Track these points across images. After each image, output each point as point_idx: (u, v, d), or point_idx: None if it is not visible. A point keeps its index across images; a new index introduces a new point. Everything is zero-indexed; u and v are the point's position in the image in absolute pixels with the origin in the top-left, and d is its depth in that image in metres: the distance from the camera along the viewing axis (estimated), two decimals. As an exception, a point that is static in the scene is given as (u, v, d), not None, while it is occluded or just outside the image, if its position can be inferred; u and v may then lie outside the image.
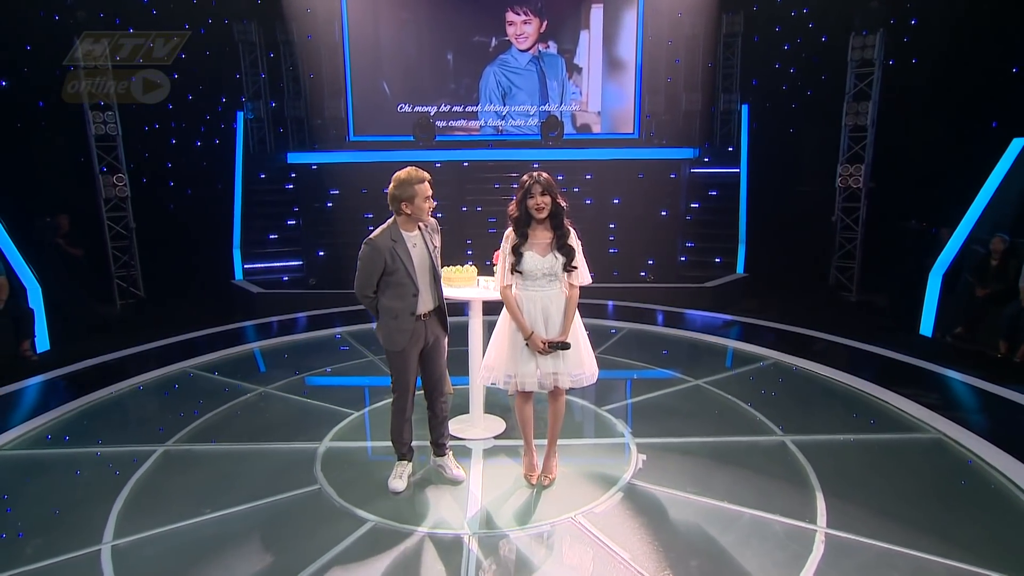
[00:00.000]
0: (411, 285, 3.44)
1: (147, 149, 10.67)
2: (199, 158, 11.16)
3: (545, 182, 3.43)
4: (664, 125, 10.60)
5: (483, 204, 9.49)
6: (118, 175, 8.27)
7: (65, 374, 5.88)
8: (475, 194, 9.61)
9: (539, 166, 9.49)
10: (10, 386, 5.52)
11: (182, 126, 11.32)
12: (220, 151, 10.54)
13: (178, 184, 11.00)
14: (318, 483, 3.75)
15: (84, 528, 3.32)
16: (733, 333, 7.00)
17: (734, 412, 4.82)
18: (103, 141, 8.23)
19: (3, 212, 6.94)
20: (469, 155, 9.86)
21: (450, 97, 10.72)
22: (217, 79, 10.89)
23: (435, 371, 3.71)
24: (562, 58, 10.62)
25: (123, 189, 8.31)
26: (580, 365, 3.54)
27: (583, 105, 10.75)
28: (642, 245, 9.29)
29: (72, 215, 8.14)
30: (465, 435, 4.34)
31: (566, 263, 3.46)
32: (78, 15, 8.00)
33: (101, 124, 8.08)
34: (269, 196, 9.75)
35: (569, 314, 3.50)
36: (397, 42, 10.59)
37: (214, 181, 10.27)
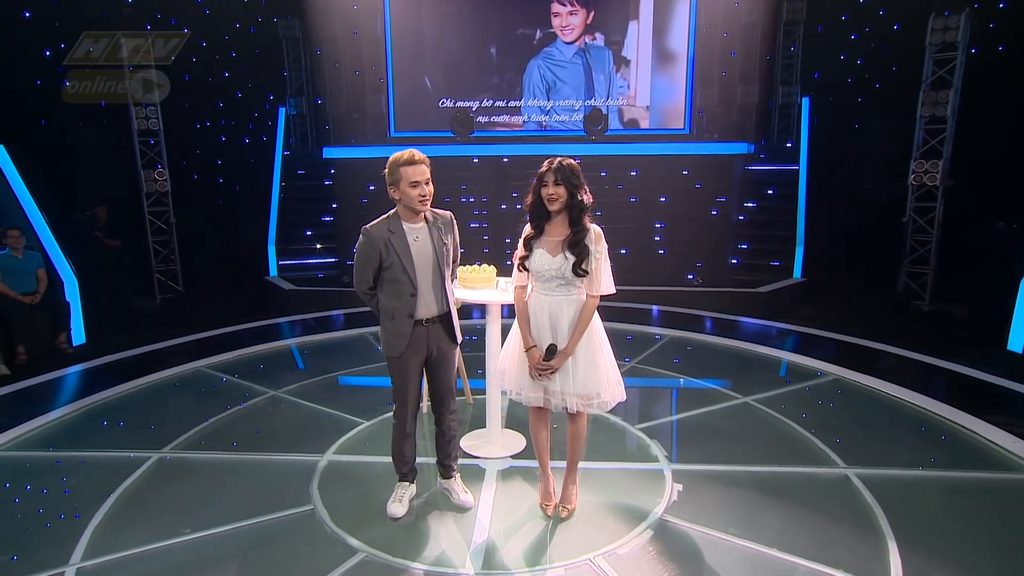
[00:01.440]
0: (408, 283, 2.97)
1: (199, 146, 10.66)
2: (247, 155, 11.09)
3: (562, 170, 2.90)
4: (717, 119, 9.84)
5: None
6: (159, 170, 8.15)
7: (87, 369, 5.71)
8: (517, 191, 9.12)
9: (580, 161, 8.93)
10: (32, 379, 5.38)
11: (231, 124, 11.29)
12: (267, 148, 10.42)
13: (227, 181, 10.96)
14: (312, 503, 3.33)
15: (54, 545, 3.00)
16: (788, 344, 6.26)
17: (787, 436, 4.16)
18: (146, 136, 8.12)
19: (45, 206, 6.89)
20: (509, 150, 9.38)
21: (493, 92, 10.27)
22: (266, 77, 10.80)
23: (441, 385, 3.23)
24: (609, 50, 10.02)
25: (164, 184, 8.20)
26: (593, 386, 2.97)
27: (631, 99, 10.11)
28: (691, 246, 8.61)
29: (115, 209, 8.07)
30: (479, 452, 3.84)
31: (576, 265, 2.90)
32: (124, 12, 7.91)
33: (143, 119, 7.98)
34: (306, 192, 9.54)
35: (579, 326, 2.94)
36: (439, 36, 10.22)
37: (260, 177, 10.15)
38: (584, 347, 2.98)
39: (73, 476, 3.69)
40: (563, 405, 3.01)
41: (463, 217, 9.25)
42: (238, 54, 10.76)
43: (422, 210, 2.98)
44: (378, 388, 5.06)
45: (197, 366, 5.56)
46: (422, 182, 2.92)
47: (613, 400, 3.04)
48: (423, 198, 2.93)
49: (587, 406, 3.01)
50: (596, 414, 4.16)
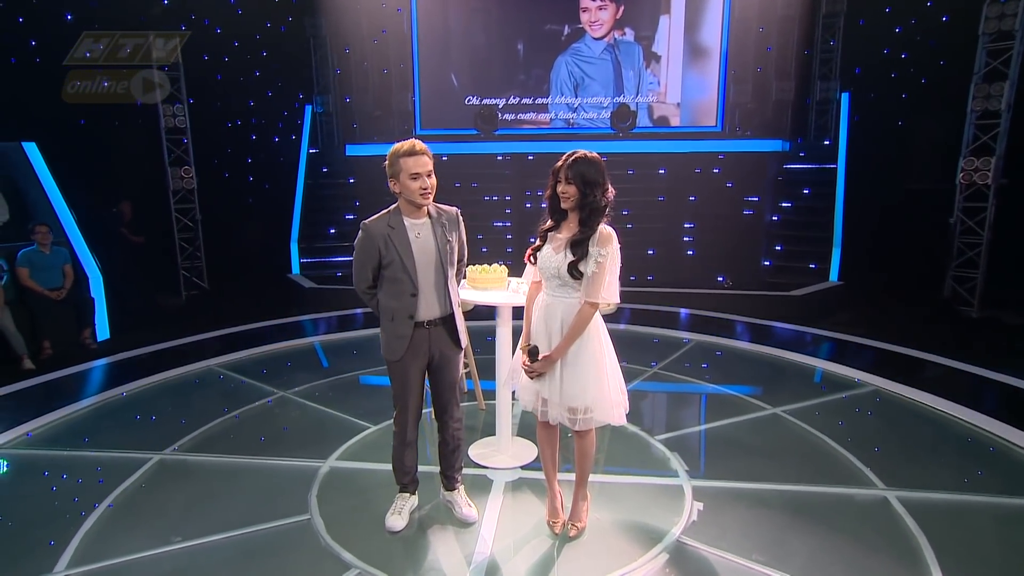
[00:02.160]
0: (408, 283, 2.76)
1: (230, 144, 10.70)
2: (277, 153, 11.09)
3: (576, 167, 2.64)
4: (750, 116, 9.44)
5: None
6: (185, 167, 8.15)
7: (105, 365, 5.68)
8: (542, 189, 8.87)
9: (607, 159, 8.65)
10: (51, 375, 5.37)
11: (262, 122, 11.31)
12: (296, 146, 10.40)
13: (257, 179, 10.98)
14: (309, 512, 3.15)
15: (41, 551, 2.87)
16: (823, 351, 5.89)
17: (821, 453, 3.83)
18: (173, 134, 8.13)
19: (73, 203, 6.92)
20: (535, 148, 9.15)
21: (519, 89, 10.05)
22: (296, 75, 10.77)
23: (444, 391, 3.01)
24: (639, 46, 9.70)
25: (190, 181, 8.20)
26: (580, 400, 2.69)
27: (661, 96, 9.78)
28: (721, 247, 8.24)
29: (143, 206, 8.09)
30: (487, 462, 3.62)
31: (570, 265, 2.64)
32: (153, 10, 7.92)
33: (171, 117, 7.99)
34: (330, 190, 9.46)
35: (569, 331, 2.67)
36: (466, 33, 10.05)
37: (288, 176, 10.13)
38: (574, 356, 2.70)
39: (73, 476, 3.58)
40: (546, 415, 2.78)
41: (487, 215, 9.24)
42: (269, 53, 10.77)
43: (424, 204, 2.77)
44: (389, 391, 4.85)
45: (209, 365, 5.46)
46: (423, 174, 2.70)
47: (604, 420, 2.76)
48: (424, 191, 2.72)
49: (573, 421, 2.74)
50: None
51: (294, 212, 8.95)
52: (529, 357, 2.70)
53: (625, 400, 2.82)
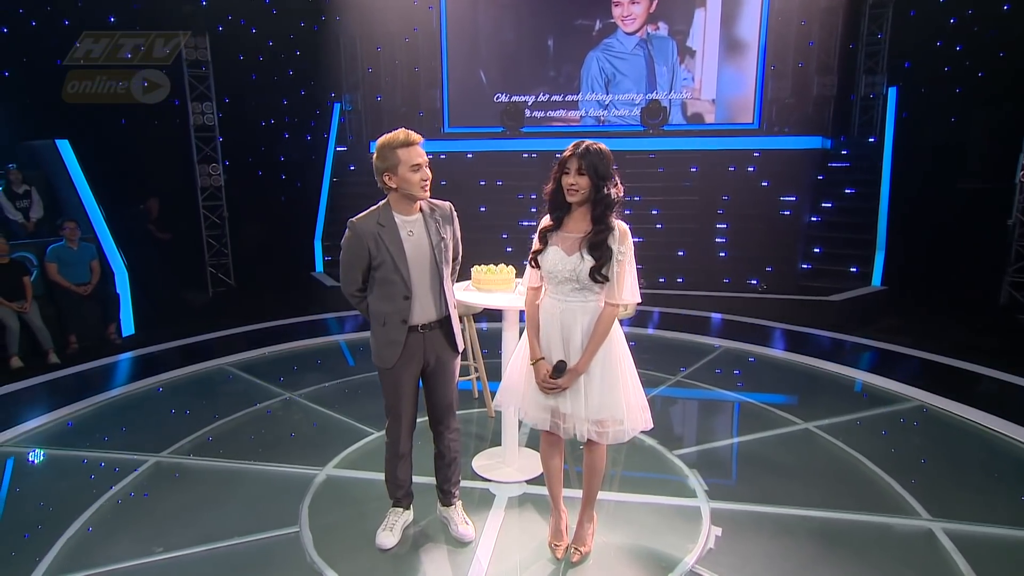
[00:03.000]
0: (401, 284, 2.54)
1: (263, 142, 10.73)
2: (309, 151, 11.08)
3: (588, 156, 2.38)
4: (789, 112, 8.94)
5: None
6: (213, 165, 8.15)
7: (123, 361, 5.66)
8: (570, 188, 8.58)
9: (631, 157, 8.36)
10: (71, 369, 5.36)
11: (295, 121, 11.32)
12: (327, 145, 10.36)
13: (289, 177, 10.99)
14: (298, 524, 2.95)
15: (20, 558, 2.74)
16: (863, 361, 5.45)
17: (857, 475, 3.46)
18: (202, 132, 8.14)
19: (102, 200, 6.96)
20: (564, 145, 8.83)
21: (549, 86, 9.77)
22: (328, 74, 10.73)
23: (440, 400, 2.78)
24: (673, 40, 9.31)
25: (218, 179, 8.19)
26: (610, 411, 2.45)
27: (695, 92, 9.37)
28: (756, 249, 7.81)
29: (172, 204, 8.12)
30: (490, 475, 3.37)
31: (594, 269, 2.39)
32: (185, 9, 7.93)
33: (200, 115, 7.99)
34: (356, 188, 9.33)
35: (594, 339, 2.43)
36: (496, 29, 9.82)
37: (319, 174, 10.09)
38: (600, 364, 2.46)
39: (65, 478, 3.48)
40: (573, 432, 2.50)
41: (513, 214, 8.99)
42: (303, 52, 10.75)
43: (422, 197, 2.54)
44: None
45: (220, 364, 5.36)
46: (423, 164, 2.48)
47: (634, 429, 2.51)
48: (425, 183, 2.50)
49: (602, 435, 2.48)
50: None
51: (319, 210, 8.87)
52: (556, 373, 2.43)
53: (647, 404, 2.58)
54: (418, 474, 2.97)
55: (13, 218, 6.57)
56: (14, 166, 6.65)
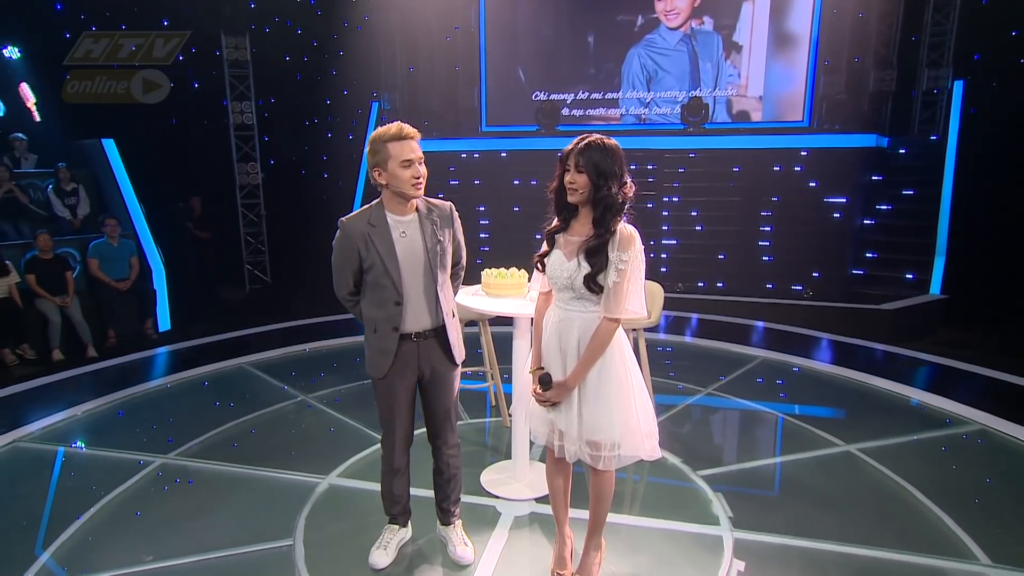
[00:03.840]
0: (391, 289, 2.36)
1: (307, 142, 10.82)
2: (351, 150, 11.12)
3: (588, 152, 2.14)
4: (842, 109, 8.38)
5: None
6: (252, 163, 8.21)
7: (157, 356, 5.70)
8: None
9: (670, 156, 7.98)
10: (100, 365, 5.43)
11: (337, 120, 11.37)
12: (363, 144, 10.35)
13: (331, 176, 11.04)
14: (292, 537, 2.81)
15: (6, 564, 2.67)
16: (918, 378, 4.99)
17: (904, 507, 3.09)
18: (241, 131, 8.21)
19: (143, 198, 7.08)
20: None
21: (589, 83, 9.46)
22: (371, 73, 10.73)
23: (438, 413, 2.58)
24: (719, 35, 8.87)
25: (256, 177, 8.25)
26: (604, 434, 2.20)
27: (742, 89, 8.90)
28: (804, 253, 7.33)
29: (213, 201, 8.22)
30: (498, 490, 3.16)
31: (589, 277, 2.15)
32: (224, 10, 8.01)
33: (239, 114, 8.06)
34: (392, 187, 9.30)
35: (586, 354, 2.19)
36: (535, 26, 9.58)
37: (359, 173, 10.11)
38: (595, 382, 2.22)
39: (73, 476, 3.46)
40: (563, 451, 2.28)
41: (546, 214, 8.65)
42: (346, 52, 10.78)
43: (415, 196, 2.35)
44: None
45: (240, 363, 5.31)
46: (415, 160, 2.28)
47: (633, 456, 2.25)
48: (417, 181, 2.30)
49: (595, 459, 2.23)
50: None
51: (353, 209, 8.83)
52: (540, 385, 2.22)
53: (656, 430, 2.31)
54: (420, 487, 2.79)
55: (61, 215, 6.75)
56: (64, 165, 6.83)
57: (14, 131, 7.22)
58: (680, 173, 7.83)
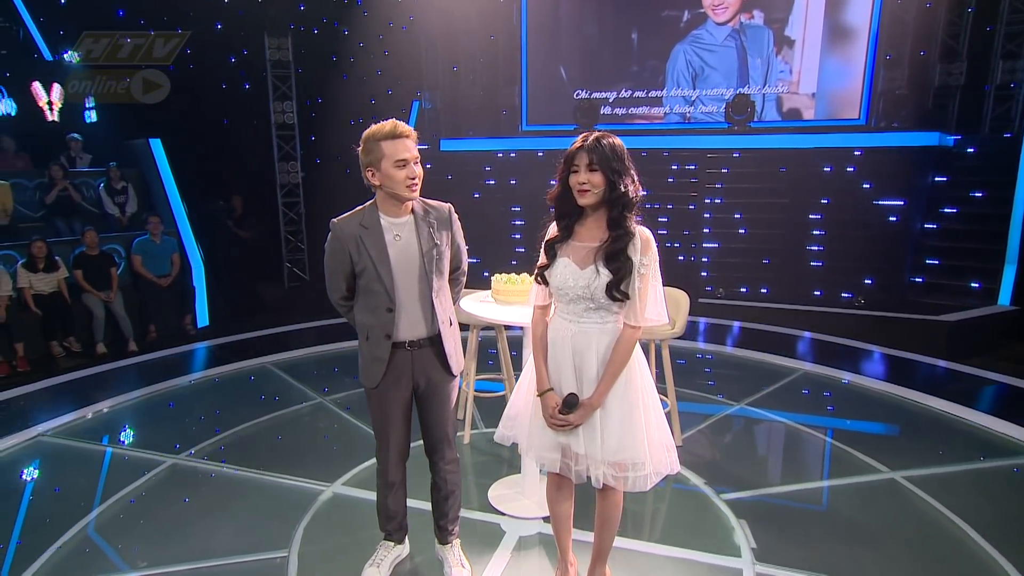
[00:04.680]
0: (383, 295, 2.22)
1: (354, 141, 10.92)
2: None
3: (600, 149, 1.95)
4: (902, 105, 7.81)
5: (660, 200, 7.85)
6: (292, 162, 8.30)
7: (192, 352, 5.79)
8: (650, 188, 7.99)
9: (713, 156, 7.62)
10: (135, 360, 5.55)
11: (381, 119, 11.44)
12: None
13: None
14: (288, 548, 2.72)
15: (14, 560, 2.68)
16: (980, 398, 4.55)
17: (954, 546, 2.76)
18: (283, 130, 8.31)
19: (187, 196, 7.24)
20: (644, 143, 8.26)
21: (632, 81, 9.17)
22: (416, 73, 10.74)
23: (434, 427, 2.44)
24: (770, 30, 8.43)
25: (295, 176, 8.34)
26: (631, 452, 2.01)
27: (793, 86, 8.43)
28: (856, 258, 6.86)
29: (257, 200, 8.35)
30: (505, 507, 3.00)
31: (612, 285, 1.96)
32: (268, 12, 8.13)
33: (280, 113, 8.16)
34: (430, 186, 9.21)
35: (611, 368, 2.01)
36: (577, 23, 9.36)
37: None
38: (620, 397, 2.04)
39: (86, 474, 3.47)
40: (587, 475, 2.09)
41: None
42: (391, 52, 10.82)
43: (410, 198, 2.21)
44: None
45: (264, 362, 5.32)
46: (410, 160, 2.15)
47: (658, 473, 2.06)
48: (412, 182, 2.17)
49: (619, 480, 2.05)
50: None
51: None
52: (566, 408, 2.02)
53: (673, 442, 2.15)
54: (422, 500, 2.65)
55: (111, 212, 6.97)
56: (114, 164, 7.05)
57: (73, 132, 7.52)
58: (723, 174, 7.47)
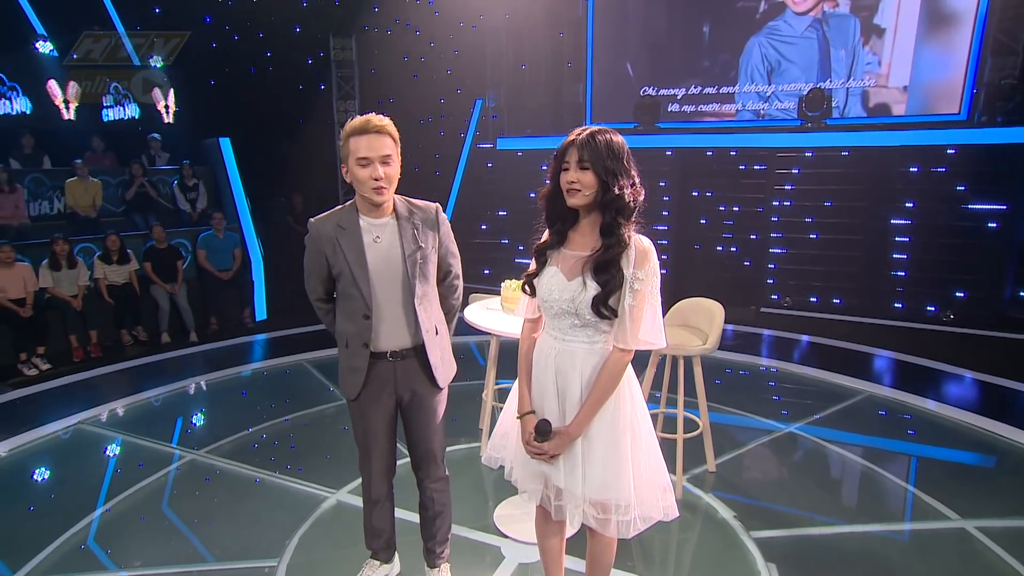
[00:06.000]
0: (360, 300, 2.08)
1: (421, 140, 11.02)
2: (460, 148, 11.16)
3: (592, 145, 1.71)
4: (1010, 97, 6.92)
5: (725, 203, 7.40)
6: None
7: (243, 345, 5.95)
8: (712, 189, 7.54)
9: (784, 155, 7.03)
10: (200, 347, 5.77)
11: (450, 119, 11.47)
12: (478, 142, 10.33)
13: (444, 174, 11.16)
14: (279, 558, 2.65)
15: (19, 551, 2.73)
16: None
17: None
18: (346, 127, 8.48)
19: (251, 193, 7.50)
20: (713, 141, 7.80)
21: (702, 77, 8.67)
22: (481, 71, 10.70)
23: (419, 443, 2.29)
24: (856, 18, 7.71)
25: (353, 174, 8.48)
26: (616, 491, 1.77)
27: (882, 79, 7.68)
28: (945, 268, 6.14)
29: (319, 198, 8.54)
30: (510, 529, 2.80)
31: (599, 300, 1.72)
32: (334, 13, 8.28)
33: (343, 112, 8.31)
34: (489, 185, 9.14)
35: (594, 394, 1.77)
36: (645, 16, 8.96)
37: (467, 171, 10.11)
38: (607, 428, 1.79)
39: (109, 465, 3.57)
40: (562, 513, 1.86)
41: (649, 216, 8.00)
42: (462, 51, 10.83)
43: (375, 201, 2.04)
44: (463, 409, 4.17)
45: (301, 359, 5.37)
46: (375, 160, 1.96)
47: (646, 519, 1.80)
48: (377, 184, 1.98)
49: (602, 523, 1.81)
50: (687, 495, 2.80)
51: (447, 207, 8.80)
52: (538, 435, 1.80)
53: (670, 484, 1.87)
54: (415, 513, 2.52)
55: (183, 208, 7.32)
56: (187, 162, 7.39)
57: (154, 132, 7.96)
58: (794, 174, 6.89)
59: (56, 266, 5.65)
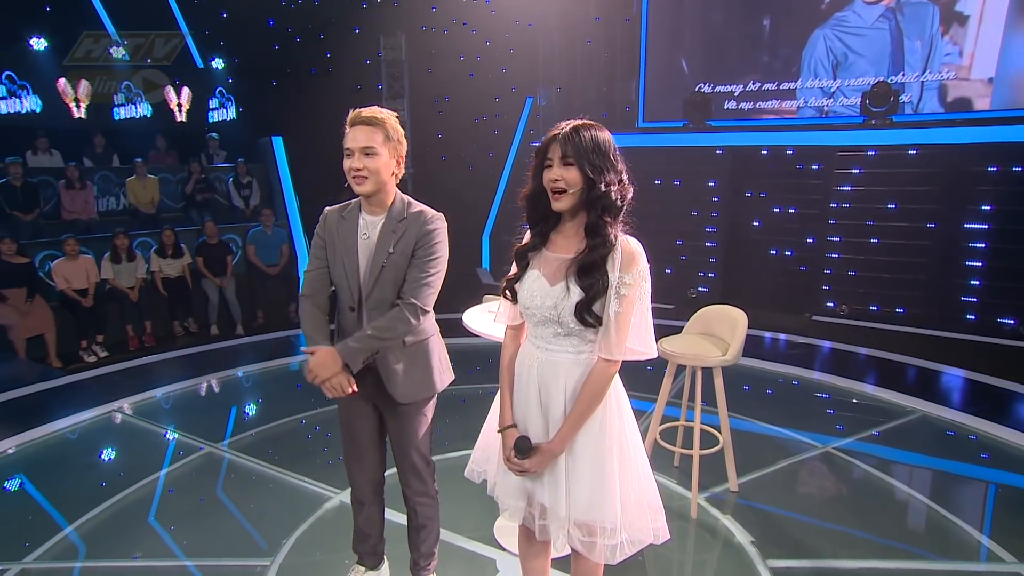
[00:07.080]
0: (347, 291, 2.07)
1: (476, 139, 11.05)
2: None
3: (576, 141, 1.60)
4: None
5: (781, 203, 7.02)
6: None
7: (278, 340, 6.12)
8: (767, 191, 7.16)
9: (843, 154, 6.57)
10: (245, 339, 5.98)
11: (504, 117, 11.44)
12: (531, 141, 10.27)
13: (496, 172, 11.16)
14: (274, 557, 2.65)
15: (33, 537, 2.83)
16: None
17: None
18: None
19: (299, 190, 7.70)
20: (769, 139, 7.41)
21: (762, 73, 8.25)
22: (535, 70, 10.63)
23: (396, 455, 2.22)
24: (935, 6, 7.13)
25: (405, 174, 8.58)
26: (601, 512, 1.64)
27: (963, 71, 7.06)
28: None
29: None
30: (507, 543, 2.70)
31: (582, 305, 1.60)
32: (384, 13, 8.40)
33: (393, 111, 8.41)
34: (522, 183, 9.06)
35: (579, 407, 1.65)
36: (702, 10, 8.61)
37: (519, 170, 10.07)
38: (592, 445, 1.67)
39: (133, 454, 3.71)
40: (546, 534, 1.75)
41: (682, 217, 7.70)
42: (517, 49, 10.78)
43: (356, 192, 2.02)
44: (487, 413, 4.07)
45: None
46: (356, 151, 1.94)
47: (635, 542, 1.67)
48: (356, 175, 1.96)
49: (588, 546, 1.68)
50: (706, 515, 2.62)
51: (492, 207, 8.76)
52: (517, 452, 1.69)
53: (661, 505, 1.74)
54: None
55: (237, 204, 7.61)
56: (242, 160, 7.67)
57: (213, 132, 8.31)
58: (854, 175, 6.43)
59: (117, 259, 5.97)
